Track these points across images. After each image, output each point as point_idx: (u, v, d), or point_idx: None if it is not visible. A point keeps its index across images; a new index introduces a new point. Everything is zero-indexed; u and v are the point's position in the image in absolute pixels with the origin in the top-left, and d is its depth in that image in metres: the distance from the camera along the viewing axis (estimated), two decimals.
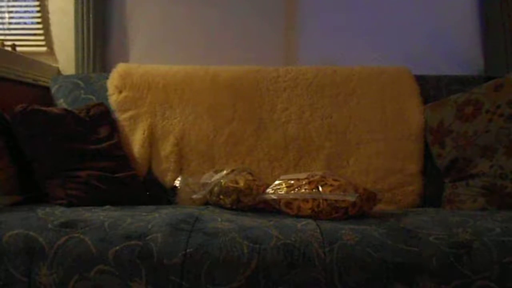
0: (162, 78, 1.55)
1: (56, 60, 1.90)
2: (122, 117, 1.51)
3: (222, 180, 1.21)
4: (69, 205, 1.18)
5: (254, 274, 0.85)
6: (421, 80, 1.56)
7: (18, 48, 1.75)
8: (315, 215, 1.05)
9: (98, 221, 0.96)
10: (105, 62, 1.84)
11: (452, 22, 1.80)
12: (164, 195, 1.44)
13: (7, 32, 1.90)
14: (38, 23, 1.89)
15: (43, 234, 0.91)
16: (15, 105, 1.23)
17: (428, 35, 1.81)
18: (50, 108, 1.32)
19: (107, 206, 1.16)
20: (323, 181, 1.08)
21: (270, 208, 1.15)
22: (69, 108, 1.44)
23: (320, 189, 1.06)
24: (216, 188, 1.22)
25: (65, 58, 1.88)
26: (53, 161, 1.24)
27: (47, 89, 1.61)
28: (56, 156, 1.25)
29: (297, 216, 1.07)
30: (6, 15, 1.89)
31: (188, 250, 0.88)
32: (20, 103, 1.24)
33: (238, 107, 1.52)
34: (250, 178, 1.20)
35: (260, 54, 1.84)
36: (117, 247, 0.88)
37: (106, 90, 1.55)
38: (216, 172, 1.29)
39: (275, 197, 1.11)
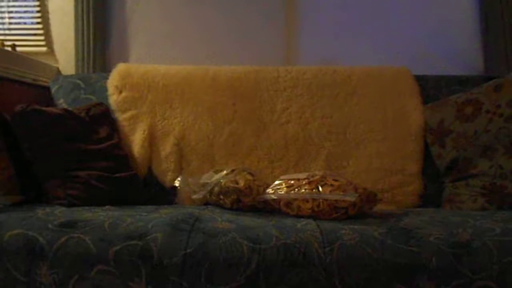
0: (162, 78, 1.55)
1: (56, 60, 1.90)
2: (122, 117, 1.51)
3: (222, 180, 1.21)
4: (69, 205, 1.18)
5: (254, 274, 0.85)
6: (421, 80, 1.56)
7: (18, 48, 1.75)
8: (315, 215, 1.05)
9: (98, 221, 0.96)
10: (105, 62, 1.84)
11: (452, 22, 1.80)
12: (164, 195, 1.44)
13: (7, 32, 1.90)
14: (38, 23, 1.89)
15: (43, 234, 0.91)
16: (15, 105, 1.23)
17: (428, 35, 1.81)
18: (50, 108, 1.32)
19: (107, 206, 1.16)
20: (323, 181, 1.08)
21: (270, 208, 1.15)
22: (69, 108, 1.44)
23: (320, 189, 1.06)
24: (216, 188, 1.22)
25: (65, 58, 1.88)
26: (53, 161, 1.24)
27: (47, 89, 1.61)
28: (56, 156, 1.25)
29: (297, 216, 1.07)
30: (6, 15, 1.89)
31: (188, 250, 0.88)
32: (20, 103, 1.23)
33: (238, 107, 1.52)
34: (250, 178, 1.20)
35: (260, 54, 1.84)
36: (117, 247, 0.88)
37: (106, 90, 1.55)
38: (216, 172, 1.29)
39: (275, 197, 1.11)
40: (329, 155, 1.47)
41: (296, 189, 1.09)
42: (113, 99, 1.53)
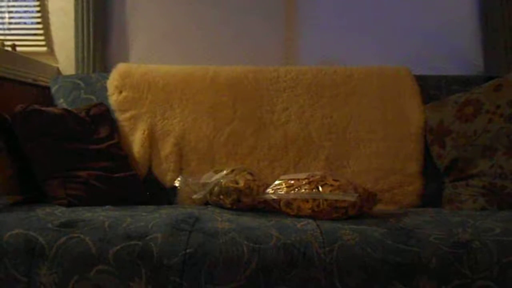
0: (162, 78, 1.55)
1: (56, 60, 1.90)
2: (122, 117, 1.51)
3: (222, 180, 1.21)
4: (69, 205, 1.18)
5: (254, 274, 0.85)
6: (421, 80, 1.56)
7: (18, 48, 1.75)
8: (315, 215, 1.05)
9: (98, 221, 0.96)
10: (105, 62, 1.84)
11: (452, 22, 1.80)
12: (164, 195, 1.44)
13: (7, 32, 1.90)
14: (38, 23, 1.89)
15: (43, 234, 0.91)
16: (15, 105, 1.23)
17: (428, 35, 1.81)
18: (50, 108, 1.32)
19: (107, 206, 1.16)
20: (323, 181, 1.08)
21: (270, 208, 1.15)
22: (69, 108, 1.44)
23: (320, 189, 1.06)
24: (216, 188, 1.22)
25: (65, 58, 1.88)
26: (53, 161, 1.24)
27: (47, 89, 1.61)
28: (56, 156, 1.25)
29: (297, 216, 1.07)
30: (6, 15, 1.89)
31: (188, 250, 0.88)
32: (20, 103, 1.24)
33: (238, 107, 1.52)
34: (250, 178, 1.20)
35: (260, 54, 1.84)
36: (117, 247, 0.88)
37: (106, 90, 1.55)
38: (216, 172, 1.29)
39: (275, 197, 1.11)
40: (329, 155, 1.47)
41: (296, 189, 1.09)
42: (113, 99, 1.53)
